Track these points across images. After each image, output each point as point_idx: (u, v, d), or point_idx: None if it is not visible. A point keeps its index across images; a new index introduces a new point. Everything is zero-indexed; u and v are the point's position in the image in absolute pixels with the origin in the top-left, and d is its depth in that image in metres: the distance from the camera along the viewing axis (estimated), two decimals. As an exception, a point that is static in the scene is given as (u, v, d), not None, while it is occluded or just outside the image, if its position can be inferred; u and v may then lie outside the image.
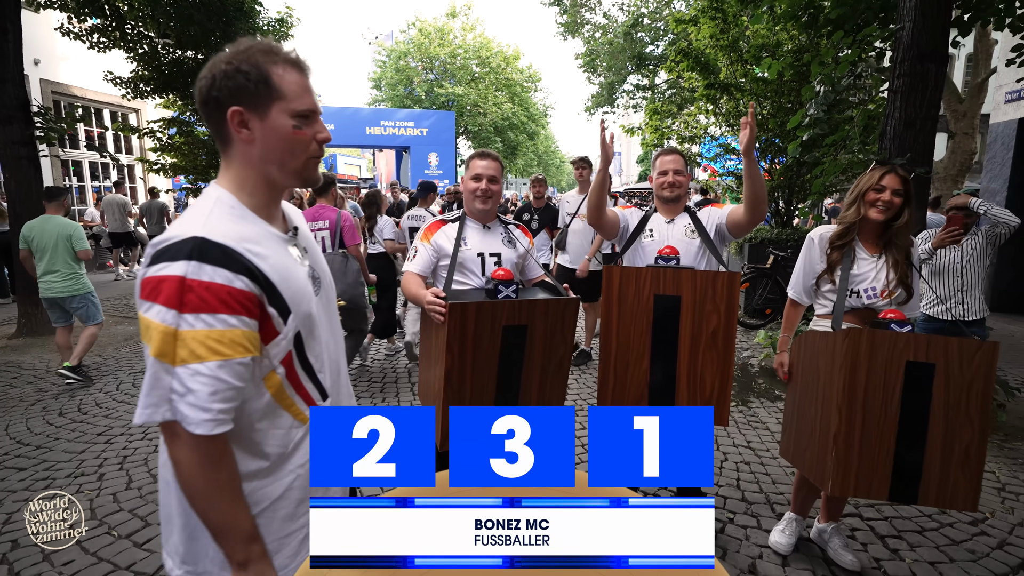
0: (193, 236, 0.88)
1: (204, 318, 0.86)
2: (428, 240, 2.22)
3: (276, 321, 0.96)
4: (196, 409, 0.86)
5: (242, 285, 0.90)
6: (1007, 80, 7.15)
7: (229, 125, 0.95)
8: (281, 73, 0.96)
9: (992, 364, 1.74)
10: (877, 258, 2.14)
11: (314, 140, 1.01)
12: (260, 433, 0.99)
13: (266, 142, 0.97)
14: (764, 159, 7.21)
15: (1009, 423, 3.73)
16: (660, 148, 2.50)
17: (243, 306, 0.90)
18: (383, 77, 25.31)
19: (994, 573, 2.26)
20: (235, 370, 0.89)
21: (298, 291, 1.00)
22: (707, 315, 2.12)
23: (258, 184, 1.01)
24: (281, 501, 1.03)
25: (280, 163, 1.00)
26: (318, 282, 1.11)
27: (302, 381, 1.04)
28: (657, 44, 18.92)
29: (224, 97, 0.94)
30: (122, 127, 8.86)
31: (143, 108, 11.22)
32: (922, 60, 3.91)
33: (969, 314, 3.47)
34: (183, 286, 0.85)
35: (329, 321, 1.15)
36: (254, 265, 0.92)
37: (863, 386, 1.80)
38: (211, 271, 0.87)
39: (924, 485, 1.81)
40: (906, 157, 3.93)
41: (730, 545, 2.43)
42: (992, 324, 5.49)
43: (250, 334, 0.91)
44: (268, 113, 0.96)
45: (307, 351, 1.04)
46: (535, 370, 1.97)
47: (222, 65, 0.94)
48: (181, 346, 0.85)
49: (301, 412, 1.05)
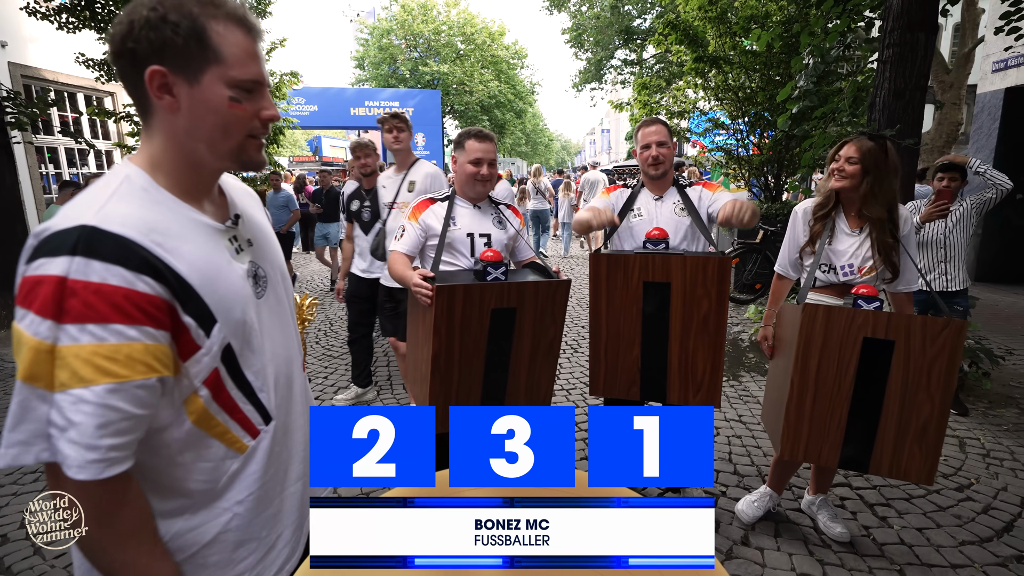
0: (81, 225, 0.70)
1: (91, 330, 0.67)
2: (416, 219, 2.17)
3: (195, 332, 0.77)
4: (79, 448, 0.68)
5: (145, 288, 0.71)
6: (994, 49, 7.13)
7: (147, 87, 0.77)
8: (221, 31, 0.78)
9: (958, 342, 1.74)
10: (859, 233, 2.13)
11: (256, 117, 0.83)
12: (182, 468, 0.82)
13: (194, 114, 0.79)
14: (753, 133, 7.17)
15: (994, 391, 3.80)
16: (644, 119, 2.39)
17: (146, 314, 0.71)
18: (366, 56, 24.74)
19: (980, 537, 2.32)
20: (133, 395, 0.70)
21: (228, 294, 0.82)
22: (698, 300, 2.09)
23: (182, 163, 0.82)
24: (213, 546, 0.86)
25: (210, 141, 0.81)
26: (263, 281, 0.93)
27: (237, 403, 0.86)
28: (644, 17, 18.63)
29: (143, 51, 0.75)
30: (97, 111, 8.61)
31: (119, 91, 10.89)
32: (912, 29, 3.87)
33: (952, 284, 3.51)
34: (63, 289, 0.67)
35: (280, 327, 0.97)
36: (163, 262, 0.73)
37: (817, 359, 1.83)
38: (102, 269, 0.68)
39: (876, 456, 1.85)
40: (895, 128, 3.92)
41: (723, 518, 2.46)
42: (978, 294, 5.57)
43: (156, 348, 0.72)
44: (199, 79, 0.77)
45: (243, 367, 0.86)
46: (524, 353, 1.95)
47: (144, 11, 0.75)
48: (60, 366, 0.67)
49: (238, 440, 0.86)
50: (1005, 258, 7.21)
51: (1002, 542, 2.29)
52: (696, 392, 2.18)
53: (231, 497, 0.87)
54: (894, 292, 2.20)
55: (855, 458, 1.87)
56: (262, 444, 0.90)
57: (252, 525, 0.90)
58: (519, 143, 30.06)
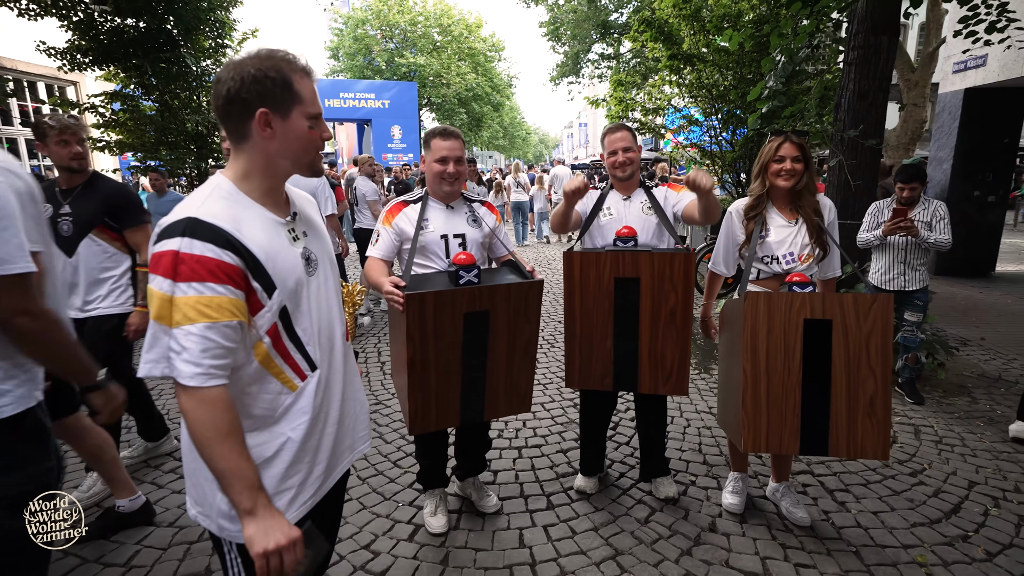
0: (187, 217, 1.02)
1: (195, 286, 0.99)
2: (390, 223, 2.16)
3: (260, 295, 1.08)
4: (189, 364, 0.99)
5: (228, 259, 1.02)
6: (955, 51, 7.39)
7: (254, 124, 1.07)
8: (299, 79, 1.10)
9: (888, 315, 1.86)
10: (794, 224, 2.27)
11: (321, 138, 1.17)
12: (250, 396, 1.12)
13: (285, 140, 1.11)
14: (725, 130, 7.31)
15: (948, 380, 3.99)
16: (609, 125, 2.48)
17: (229, 277, 1.02)
18: (340, 46, 24.33)
19: (929, 519, 2.46)
20: (223, 331, 1.01)
21: (285, 269, 1.12)
22: (666, 294, 2.20)
23: (264, 173, 1.14)
24: (272, 461, 1.15)
25: (295, 158, 1.14)
26: (314, 263, 1.22)
27: (290, 352, 1.16)
28: (621, 12, 18.70)
29: (253, 99, 1.06)
30: (60, 101, 8.32)
31: (82, 81, 10.55)
32: (875, 32, 4.01)
33: (910, 284, 3.66)
34: (177, 259, 0.99)
35: (326, 300, 1.26)
36: (240, 242, 1.04)
37: (765, 346, 1.92)
38: (201, 246, 1.00)
39: (833, 437, 1.94)
40: (859, 128, 4.06)
41: (692, 506, 2.56)
42: (935, 288, 5.80)
43: (236, 301, 1.03)
44: (289, 115, 1.10)
45: (295, 324, 1.16)
46: (501, 354, 1.99)
47: (251, 70, 1.06)
48: (176, 310, 0.98)
49: (290, 380, 1.16)
50: (963, 253, 7.50)
51: (950, 523, 2.43)
52: (666, 381, 2.31)
53: (286, 425, 1.17)
54: (823, 279, 2.37)
55: (814, 442, 1.96)
56: (309, 386, 1.19)
57: (301, 451, 1.18)
58: (497, 136, 29.97)
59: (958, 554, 2.23)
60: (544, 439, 3.20)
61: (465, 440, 2.51)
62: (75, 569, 2.16)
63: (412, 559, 2.22)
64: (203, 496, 1.15)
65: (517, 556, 2.24)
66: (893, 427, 3.31)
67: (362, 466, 2.91)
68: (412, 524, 2.44)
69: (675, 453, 3.02)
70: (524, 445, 3.13)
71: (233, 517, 1.11)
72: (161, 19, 7.21)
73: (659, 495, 2.60)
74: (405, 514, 2.51)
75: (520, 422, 3.40)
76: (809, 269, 2.27)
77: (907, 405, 3.62)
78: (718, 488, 2.70)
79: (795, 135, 2.20)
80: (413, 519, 2.47)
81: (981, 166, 7.48)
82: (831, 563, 2.18)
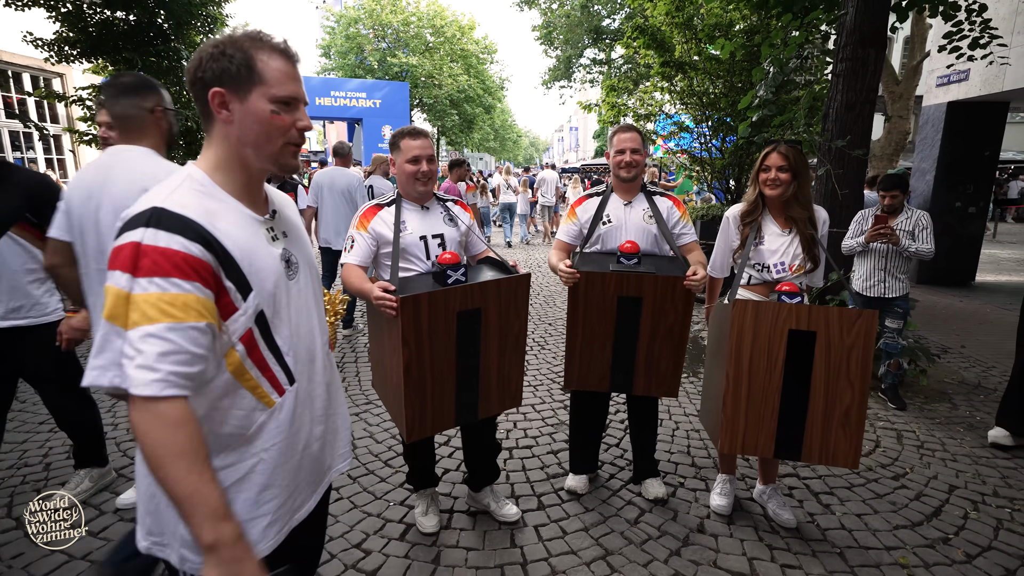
0: (152, 206, 0.92)
1: (157, 281, 0.87)
2: (365, 228, 2.11)
3: (234, 295, 0.97)
4: (143, 370, 0.84)
5: (197, 252, 0.91)
6: (939, 64, 7.56)
7: (211, 105, 1.00)
8: (266, 59, 1.00)
9: (871, 331, 1.91)
10: (788, 233, 2.31)
11: (293, 127, 1.04)
12: (220, 412, 1.00)
13: (244, 124, 1.01)
14: (716, 137, 7.40)
15: (930, 387, 4.08)
16: (619, 124, 2.50)
17: (197, 272, 0.91)
18: (332, 44, 24.18)
19: (911, 521, 2.52)
20: (188, 334, 0.88)
21: (263, 269, 1.02)
22: (666, 312, 2.26)
23: (234, 165, 1.04)
24: (243, 484, 1.02)
25: (256, 146, 1.03)
26: (294, 266, 1.13)
27: (268, 363, 1.04)
28: (614, 18, 18.85)
29: (209, 78, 0.98)
30: (46, 94, 8.18)
31: (69, 73, 10.38)
32: (863, 45, 4.10)
33: (890, 292, 3.74)
34: (138, 251, 0.88)
35: (306, 307, 1.15)
36: (212, 236, 0.94)
37: (749, 352, 1.97)
38: (166, 237, 0.89)
39: (807, 443, 1.99)
40: (846, 139, 4.14)
41: (680, 507, 2.59)
42: (917, 296, 5.92)
43: (205, 301, 0.92)
44: (248, 96, 0.99)
45: (273, 332, 1.05)
46: (492, 349, 2.01)
47: (210, 48, 0.99)
48: (133, 309, 0.86)
49: (267, 395, 1.04)
50: (944, 262, 7.67)
51: (931, 526, 2.49)
52: (659, 385, 2.39)
53: (259, 445, 1.04)
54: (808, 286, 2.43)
55: (789, 447, 2.01)
56: (287, 402, 1.08)
57: (275, 473, 1.07)
58: (488, 138, 30.00)
59: (939, 556, 2.29)
60: (535, 440, 3.22)
61: (474, 447, 2.43)
62: (62, 566, 2.13)
63: (403, 558, 2.23)
64: (161, 523, 1.01)
65: (508, 556, 2.25)
66: (876, 432, 3.38)
67: (352, 465, 2.90)
68: (403, 523, 2.44)
69: (664, 455, 3.06)
70: (515, 446, 3.15)
71: None
72: (152, 13, 7.14)
73: (649, 496, 2.63)
74: (396, 513, 2.51)
75: (511, 423, 3.42)
76: (799, 279, 2.31)
77: (890, 411, 3.70)
78: (706, 490, 2.73)
79: (785, 145, 2.24)
80: (404, 518, 2.47)
81: (963, 178, 7.65)
82: (816, 564, 2.22)
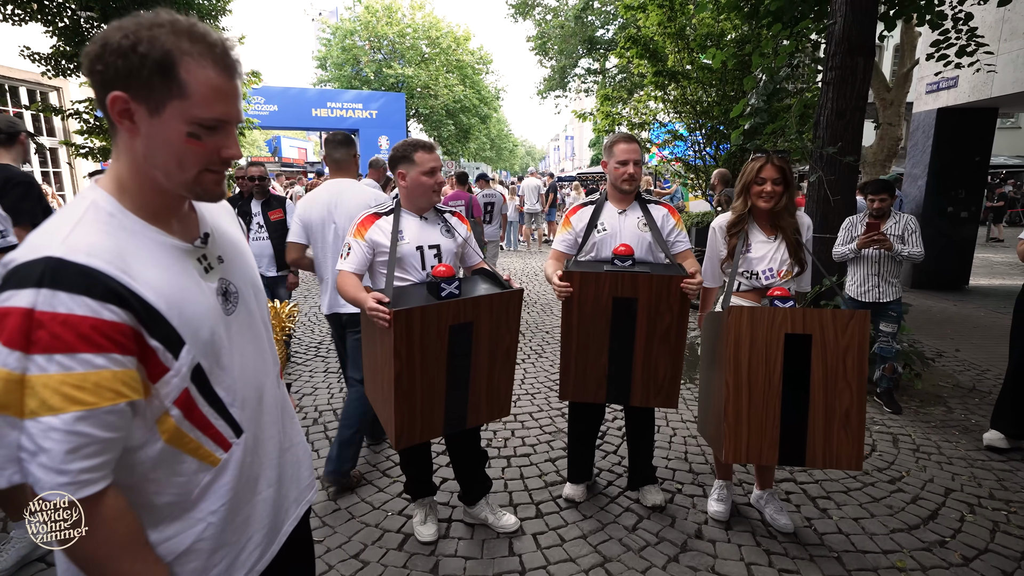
0: (47, 256, 0.71)
1: (59, 360, 0.69)
2: (362, 236, 2.13)
3: (163, 355, 0.79)
4: (50, 472, 0.70)
5: (111, 316, 0.73)
6: (928, 72, 7.66)
7: (109, 111, 0.78)
8: (192, 67, 0.78)
9: (864, 331, 1.93)
10: (774, 239, 2.35)
11: (216, 154, 0.84)
12: (155, 484, 0.84)
13: (151, 143, 0.80)
14: (709, 145, 7.47)
15: (924, 390, 4.10)
16: (620, 134, 2.48)
17: (112, 341, 0.73)
18: (328, 56, 24.34)
19: (908, 525, 2.52)
20: (102, 420, 0.72)
21: (195, 315, 0.84)
22: (661, 314, 2.25)
23: (146, 186, 0.84)
24: (189, 555, 0.89)
25: (165, 170, 0.82)
26: (233, 297, 0.95)
27: (209, 420, 0.88)
28: (607, 28, 19.05)
29: (109, 76, 0.76)
30: (42, 107, 8.22)
31: (65, 86, 10.41)
32: (852, 54, 4.15)
33: (884, 297, 3.78)
34: (31, 321, 0.69)
35: (252, 340, 0.99)
36: (128, 289, 0.75)
37: (747, 359, 1.97)
38: (68, 300, 0.70)
39: (810, 448, 2.00)
40: (837, 145, 4.19)
41: (678, 513, 2.59)
42: (911, 300, 5.95)
43: (124, 373, 0.74)
44: (161, 110, 0.78)
45: (213, 384, 0.88)
46: (483, 362, 2.01)
47: (118, 35, 0.75)
48: (30, 395, 0.69)
49: (210, 455, 0.89)
50: (937, 266, 7.73)
51: (928, 529, 2.50)
52: (656, 394, 2.36)
53: (205, 508, 0.89)
54: (797, 291, 2.46)
55: (792, 452, 2.01)
56: (234, 456, 0.93)
57: (225, 532, 0.93)
58: (484, 148, 30.13)
59: (936, 559, 2.29)
60: (533, 448, 3.22)
61: (460, 458, 2.44)
62: None
63: (402, 568, 2.22)
64: None
65: (507, 564, 2.25)
66: (872, 436, 3.40)
67: (350, 476, 2.90)
68: (401, 533, 2.44)
69: (661, 462, 3.06)
70: (513, 454, 3.15)
71: None
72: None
73: (646, 503, 2.63)
74: (394, 523, 2.51)
75: (509, 431, 3.42)
76: (788, 283, 2.34)
77: (885, 414, 3.72)
78: (704, 496, 2.74)
79: (777, 157, 2.27)
80: (402, 528, 2.47)
81: (954, 183, 7.74)
82: (814, 569, 2.22)
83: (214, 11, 7.88)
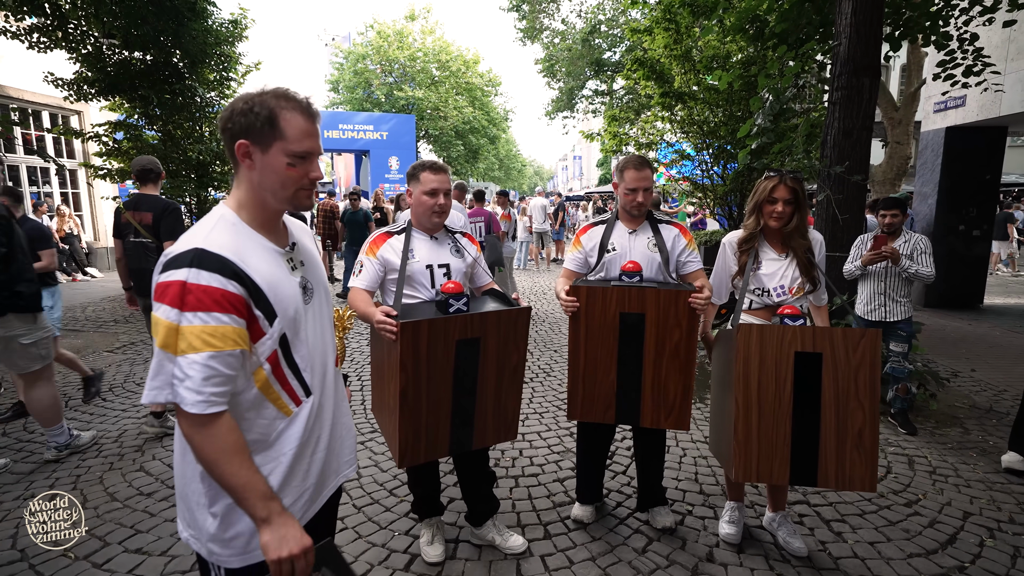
0: (194, 248, 1.06)
1: (201, 316, 1.02)
2: (374, 254, 2.18)
3: (262, 322, 1.12)
4: (191, 392, 1.02)
5: (234, 289, 1.06)
6: (935, 91, 7.68)
7: (236, 153, 1.14)
8: (288, 117, 1.12)
9: (876, 350, 1.90)
10: (785, 257, 2.35)
11: (306, 176, 1.18)
12: (247, 422, 1.15)
13: (263, 172, 1.15)
14: (716, 164, 7.50)
15: (940, 411, 4.02)
16: (632, 157, 2.46)
17: (233, 306, 1.06)
18: (341, 79, 24.89)
19: (926, 549, 2.46)
20: (226, 360, 1.05)
21: (286, 297, 1.16)
22: (670, 330, 2.22)
23: (256, 205, 1.18)
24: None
25: (273, 191, 1.17)
26: (310, 292, 1.27)
27: (288, 378, 1.20)
28: (614, 51, 19.33)
29: (236, 130, 1.12)
30: (64, 130, 8.45)
31: (86, 110, 10.71)
32: (857, 74, 4.19)
33: (891, 316, 3.73)
34: (184, 289, 1.03)
35: (320, 327, 1.31)
36: (244, 272, 1.08)
37: (757, 377, 1.95)
38: (208, 276, 1.04)
39: (822, 468, 1.96)
40: (845, 165, 4.20)
41: (689, 536, 2.55)
42: (925, 320, 5.89)
43: (239, 330, 1.07)
44: (269, 149, 1.13)
45: (293, 351, 1.20)
46: (490, 379, 2.01)
47: (241, 103, 1.13)
48: (181, 339, 1.02)
49: (286, 406, 1.20)
50: (951, 286, 7.64)
51: (946, 554, 2.43)
52: (668, 415, 2.31)
53: (278, 449, 1.20)
54: (816, 304, 2.46)
55: (803, 472, 1.97)
56: (303, 412, 1.23)
57: (291, 474, 1.22)
58: (492, 168, 30.43)
59: (955, 585, 2.23)
60: (541, 468, 3.20)
61: (468, 478, 2.42)
62: None
63: (408, 589, 2.20)
64: (193, 519, 1.18)
65: (514, 586, 2.22)
66: (887, 457, 3.33)
67: (358, 494, 2.89)
68: (408, 553, 2.42)
69: (672, 482, 3.02)
70: (521, 474, 3.12)
71: (224, 541, 1.15)
72: (168, 53, 7.41)
73: (656, 525, 2.59)
74: (401, 543, 2.49)
75: (517, 451, 3.40)
76: (799, 301, 2.33)
77: (900, 436, 3.65)
78: (715, 518, 2.69)
79: (790, 177, 2.26)
80: (409, 548, 2.45)
81: (965, 201, 7.70)
82: (829, 594, 2.17)
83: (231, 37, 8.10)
